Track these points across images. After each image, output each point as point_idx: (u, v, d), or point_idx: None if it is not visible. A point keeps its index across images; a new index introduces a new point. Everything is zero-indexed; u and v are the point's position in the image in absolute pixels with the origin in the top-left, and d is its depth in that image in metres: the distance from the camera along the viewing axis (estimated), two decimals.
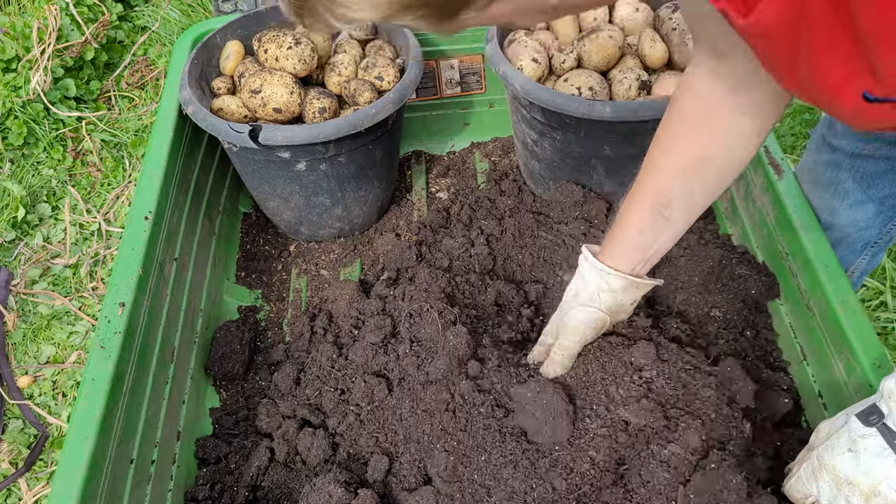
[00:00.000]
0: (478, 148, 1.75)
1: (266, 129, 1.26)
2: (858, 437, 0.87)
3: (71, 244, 2.31)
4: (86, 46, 2.77)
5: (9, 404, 1.93)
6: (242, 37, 1.50)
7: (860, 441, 0.87)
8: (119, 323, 1.06)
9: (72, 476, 0.90)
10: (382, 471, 1.05)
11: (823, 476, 0.91)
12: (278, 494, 1.10)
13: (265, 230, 1.60)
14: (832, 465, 0.90)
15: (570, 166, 1.41)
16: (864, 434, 0.87)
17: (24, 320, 2.13)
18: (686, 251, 1.32)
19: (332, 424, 1.14)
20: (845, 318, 1.06)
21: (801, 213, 1.20)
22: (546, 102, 1.25)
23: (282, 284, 1.49)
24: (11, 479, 1.77)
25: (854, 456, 0.88)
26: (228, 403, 1.27)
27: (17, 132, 2.51)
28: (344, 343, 1.25)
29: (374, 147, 1.41)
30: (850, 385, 1.06)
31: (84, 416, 0.95)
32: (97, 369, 1.00)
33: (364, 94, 1.36)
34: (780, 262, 1.25)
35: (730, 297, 1.26)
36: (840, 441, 0.89)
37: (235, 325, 1.32)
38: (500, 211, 1.49)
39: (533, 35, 1.41)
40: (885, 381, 0.86)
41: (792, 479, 0.97)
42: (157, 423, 1.11)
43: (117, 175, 2.54)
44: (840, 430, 0.90)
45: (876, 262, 1.39)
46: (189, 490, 1.13)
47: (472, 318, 1.23)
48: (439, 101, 1.72)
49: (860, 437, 0.87)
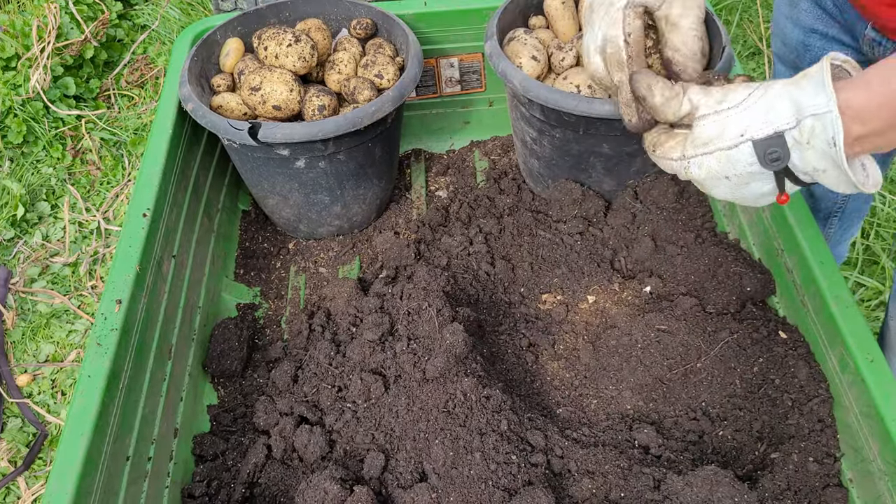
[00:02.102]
0: (477, 146, 1.74)
1: (265, 126, 1.26)
2: (745, 171, 0.79)
3: (70, 243, 2.32)
4: (85, 45, 2.77)
5: (8, 403, 1.93)
6: (242, 34, 1.50)
7: (745, 177, 0.80)
8: (116, 320, 1.06)
9: (67, 473, 0.90)
10: (378, 468, 1.05)
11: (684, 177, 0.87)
12: (275, 491, 1.10)
13: (264, 228, 1.60)
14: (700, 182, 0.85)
15: (568, 164, 1.40)
16: (753, 172, 0.79)
17: (24, 319, 2.13)
18: (683, 249, 1.32)
19: (329, 422, 1.14)
20: (839, 313, 1.06)
21: (796, 209, 1.20)
22: (545, 100, 1.25)
23: (280, 282, 1.49)
24: (10, 477, 1.77)
25: (731, 186, 0.82)
26: (226, 400, 1.27)
27: (17, 130, 2.51)
28: (342, 340, 1.25)
29: (374, 145, 1.41)
30: (843, 380, 1.06)
31: (80, 413, 0.95)
32: (93, 366, 1.00)
33: (364, 92, 1.36)
34: (775, 258, 1.25)
35: (725, 293, 1.26)
36: (720, 166, 0.81)
37: (234, 323, 1.32)
38: (500, 209, 1.49)
39: (532, 33, 1.41)
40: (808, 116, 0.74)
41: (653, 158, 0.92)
42: (154, 419, 1.11)
43: (117, 173, 2.54)
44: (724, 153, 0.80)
45: (849, 233, 1.45)
46: (186, 487, 1.13)
47: (469, 316, 1.23)
48: (439, 99, 1.72)
49: (748, 172, 0.79)
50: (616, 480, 1.02)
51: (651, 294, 1.31)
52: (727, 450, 1.12)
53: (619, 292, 1.33)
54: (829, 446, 1.06)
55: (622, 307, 1.31)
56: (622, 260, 1.37)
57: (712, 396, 1.16)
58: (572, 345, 1.27)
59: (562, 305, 1.33)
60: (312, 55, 1.37)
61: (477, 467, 1.01)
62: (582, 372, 1.23)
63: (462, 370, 1.11)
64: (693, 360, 1.19)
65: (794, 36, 1.34)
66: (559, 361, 1.25)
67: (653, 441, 1.09)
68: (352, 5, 1.54)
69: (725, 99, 0.82)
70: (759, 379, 1.16)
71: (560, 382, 1.23)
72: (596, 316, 1.31)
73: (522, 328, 1.30)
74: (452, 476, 1.01)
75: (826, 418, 1.08)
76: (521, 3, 1.47)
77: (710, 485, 0.98)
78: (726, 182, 0.83)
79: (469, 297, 1.31)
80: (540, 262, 1.38)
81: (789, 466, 1.05)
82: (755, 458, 1.10)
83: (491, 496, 0.99)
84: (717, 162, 0.82)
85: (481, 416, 1.06)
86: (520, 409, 1.11)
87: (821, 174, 0.77)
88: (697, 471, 1.01)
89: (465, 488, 1.00)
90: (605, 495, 1.02)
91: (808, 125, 0.75)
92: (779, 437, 1.11)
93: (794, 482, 1.04)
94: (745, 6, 3.04)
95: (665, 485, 1.00)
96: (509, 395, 1.12)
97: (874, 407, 0.97)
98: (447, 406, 1.08)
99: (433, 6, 1.56)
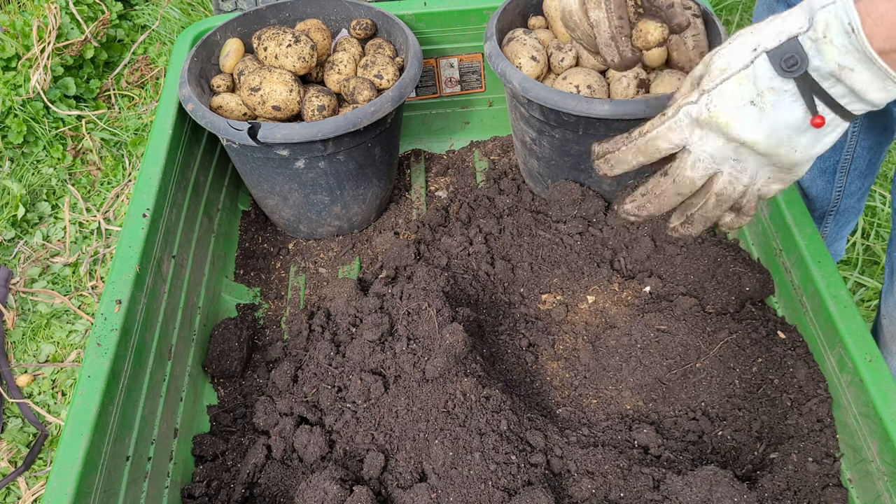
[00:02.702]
0: (477, 147, 1.75)
1: (265, 126, 1.26)
2: (766, 88, 0.73)
3: (70, 243, 2.32)
4: (86, 45, 2.77)
5: (8, 403, 1.93)
6: (242, 35, 1.50)
7: (768, 95, 0.73)
8: (116, 320, 1.06)
9: (67, 473, 0.90)
10: (378, 468, 1.05)
11: (708, 127, 0.78)
12: (275, 491, 1.10)
13: (264, 228, 1.60)
14: (724, 121, 0.76)
15: (568, 164, 1.41)
16: (775, 87, 0.73)
17: (24, 319, 2.13)
18: (683, 249, 1.33)
19: (329, 422, 1.14)
20: (837, 313, 1.06)
21: (794, 209, 1.20)
22: (544, 100, 1.25)
23: (280, 282, 1.49)
24: (10, 477, 1.77)
25: (758, 112, 0.74)
26: (226, 401, 1.27)
27: (17, 131, 2.51)
28: (342, 341, 1.25)
29: (374, 145, 1.41)
30: (842, 380, 1.06)
31: (80, 413, 0.95)
32: (93, 366, 1.00)
33: (363, 93, 1.36)
34: (773, 258, 1.25)
35: (725, 293, 1.26)
36: (741, 89, 0.75)
37: (234, 323, 1.33)
38: (499, 210, 1.50)
39: (532, 33, 1.41)
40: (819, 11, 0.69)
41: (664, 126, 0.82)
42: (154, 420, 1.11)
43: (117, 174, 2.54)
44: (741, 73, 0.74)
45: (846, 230, 1.46)
46: (186, 487, 1.13)
47: (469, 316, 1.23)
48: (439, 99, 1.72)
49: (769, 88, 0.73)
50: (616, 480, 1.02)
51: (650, 294, 1.31)
52: (726, 450, 1.12)
53: (619, 292, 1.34)
54: (828, 446, 1.07)
55: (622, 307, 1.32)
56: (622, 260, 1.37)
57: (711, 396, 1.16)
58: (572, 345, 1.28)
59: (561, 305, 1.33)
60: (312, 55, 1.38)
61: (476, 467, 1.01)
62: (581, 372, 1.24)
63: (462, 370, 1.12)
64: (692, 360, 1.19)
65: None
66: (559, 361, 1.26)
67: (652, 441, 1.10)
68: (351, 6, 1.55)
69: (741, 33, 0.77)
70: (759, 379, 1.16)
71: (560, 382, 1.23)
72: (596, 316, 1.32)
73: (522, 328, 1.30)
74: (452, 476, 1.01)
75: (825, 418, 1.08)
76: (521, 3, 1.48)
77: (710, 485, 0.98)
78: (753, 111, 0.75)
79: (469, 298, 1.32)
80: (540, 263, 1.38)
81: (788, 466, 1.05)
82: (754, 458, 1.11)
83: (491, 496, 0.99)
84: (738, 84, 0.75)
85: (481, 416, 1.06)
86: (519, 409, 1.11)
87: (849, 74, 0.70)
88: (697, 471, 1.01)
89: (465, 488, 1.00)
90: (604, 495, 1.02)
91: (821, 20, 0.69)
92: (778, 437, 1.11)
93: (793, 482, 1.04)
94: (746, 6, 3.04)
95: (664, 485, 1.00)
96: (509, 395, 1.12)
97: (873, 407, 0.97)
98: (447, 406, 1.08)
99: (433, 6, 1.57)
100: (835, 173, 1.38)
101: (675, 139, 0.82)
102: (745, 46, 0.75)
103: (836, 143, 1.31)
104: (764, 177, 0.82)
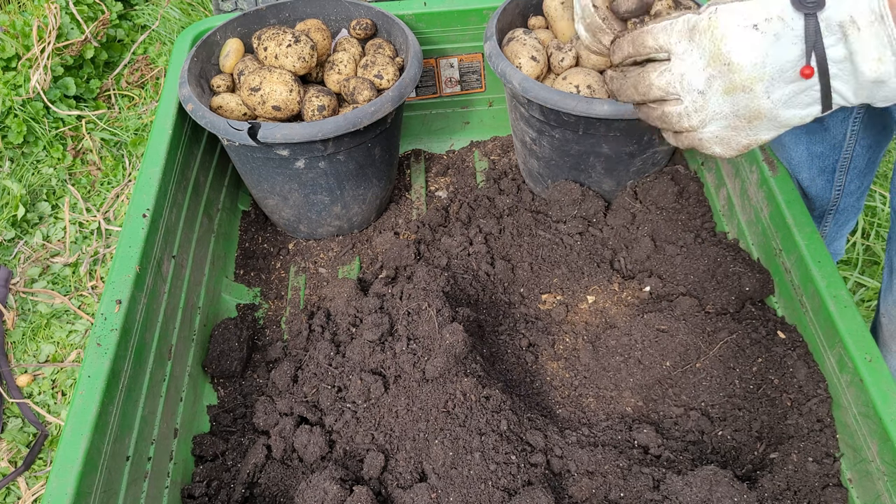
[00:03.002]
0: (477, 147, 1.75)
1: (265, 126, 1.26)
2: (776, 16, 0.72)
3: (70, 243, 2.32)
4: (86, 45, 2.77)
5: (8, 403, 1.93)
6: (242, 35, 1.50)
7: (775, 23, 0.72)
8: (116, 320, 1.06)
9: (67, 473, 0.90)
10: (378, 468, 1.05)
11: (699, 41, 0.76)
12: (275, 491, 1.10)
13: (264, 228, 1.60)
14: (721, 34, 0.74)
15: (568, 164, 1.41)
16: (785, 17, 0.72)
17: (24, 319, 2.13)
18: (683, 249, 1.33)
19: (329, 422, 1.14)
20: (837, 313, 1.06)
21: (794, 209, 1.20)
22: (544, 100, 1.25)
23: (280, 282, 1.49)
24: (10, 477, 1.77)
25: (759, 36, 0.73)
26: (226, 401, 1.27)
27: (17, 131, 2.51)
28: (341, 341, 1.25)
29: (374, 145, 1.41)
30: (842, 380, 1.06)
31: (80, 413, 0.95)
32: (93, 366, 1.00)
33: (363, 93, 1.36)
34: (773, 258, 1.25)
35: (724, 293, 1.26)
36: (749, 8, 0.73)
37: (234, 323, 1.33)
38: (499, 210, 1.50)
39: (532, 33, 1.41)
40: None
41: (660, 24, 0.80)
42: (154, 420, 1.11)
43: (117, 174, 2.54)
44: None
45: (845, 230, 1.47)
46: (186, 487, 1.13)
47: (469, 316, 1.23)
48: (439, 99, 1.72)
49: (777, 17, 0.72)
50: (615, 480, 1.02)
51: (650, 294, 1.31)
52: (726, 450, 1.12)
53: (619, 292, 1.34)
54: (828, 446, 1.06)
55: (622, 307, 1.32)
56: (622, 260, 1.37)
57: (711, 396, 1.16)
58: (572, 345, 1.27)
59: (561, 305, 1.33)
60: (312, 56, 1.38)
61: (476, 467, 1.01)
62: (581, 372, 1.24)
63: (462, 370, 1.12)
64: (692, 360, 1.19)
65: None
66: (559, 361, 1.26)
67: (652, 441, 1.10)
68: (351, 6, 1.55)
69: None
70: (759, 379, 1.16)
71: (560, 382, 1.23)
72: (595, 316, 1.32)
73: (522, 328, 1.30)
74: (452, 476, 1.01)
75: (825, 418, 1.08)
76: (521, 3, 1.48)
77: (710, 485, 0.98)
78: (754, 34, 0.73)
79: (469, 298, 1.32)
80: (540, 263, 1.38)
81: (788, 466, 1.05)
82: (754, 458, 1.11)
83: (491, 496, 0.99)
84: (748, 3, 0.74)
85: (481, 416, 1.06)
86: (519, 409, 1.11)
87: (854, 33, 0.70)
88: (697, 471, 1.01)
89: (465, 488, 1.00)
90: (604, 495, 1.02)
91: None
92: (778, 437, 1.11)
93: (793, 482, 1.04)
94: None
95: (664, 485, 1.00)
96: (509, 395, 1.12)
97: (872, 407, 0.97)
98: (447, 406, 1.08)
99: (433, 6, 1.57)
100: (834, 172, 1.39)
101: (661, 40, 0.81)
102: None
103: (836, 142, 1.33)
104: (714, 127, 0.81)
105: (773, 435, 1.12)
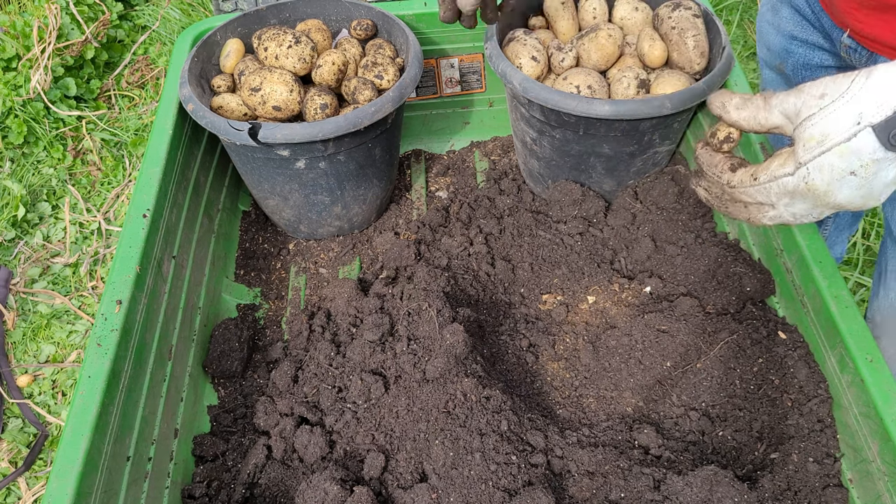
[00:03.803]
0: (477, 147, 1.75)
1: (265, 126, 1.26)
2: (870, 161, 0.72)
3: (71, 243, 2.32)
4: (86, 45, 2.77)
5: (8, 403, 1.93)
6: (242, 35, 1.50)
7: (871, 167, 0.72)
8: (116, 320, 1.06)
9: (67, 473, 0.90)
10: (378, 468, 1.05)
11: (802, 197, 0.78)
12: (275, 492, 1.10)
13: (264, 228, 1.60)
14: (823, 191, 0.75)
15: (568, 165, 1.41)
16: (879, 158, 0.71)
17: (24, 319, 2.13)
18: (683, 249, 1.33)
19: (330, 422, 1.14)
20: (838, 313, 1.06)
21: None
22: (545, 100, 1.25)
23: (280, 283, 1.49)
24: (11, 478, 1.77)
25: (860, 180, 0.73)
26: (226, 401, 1.27)
27: (18, 131, 2.51)
28: (342, 341, 1.25)
29: (374, 145, 1.41)
30: (843, 381, 1.06)
31: (80, 413, 0.95)
32: (94, 366, 1.00)
33: (364, 93, 1.36)
34: (774, 258, 1.25)
35: (725, 294, 1.26)
36: (842, 162, 0.73)
37: (234, 323, 1.32)
38: (500, 210, 1.49)
39: (532, 34, 1.41)
40: None
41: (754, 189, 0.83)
42: (154, 420, 1.11)
43: (117, 174, 2.54)
44: (843, 146, 0.72)
45: (845, 234, 1.47)
46: (186, 487, 1.13)
47: (470, 317, 1.23)
48: (439, 99, 1.72)
49: (873, 161, 0.72)
50: (616, 481, 1.02)
51: (651, 294, 1.31)
52: (727, 450, 1.12)
53: (619, 293, 1.34)
54: (828, 446, 1.06)
55: (622, 307, 1.32)
56: (622, 260, 1.37)
57: (712, 397, 1.16)
58: (572, 345, 1.27)
59: (562, 306, 1.33)
60: (312, 56, 1.38)
61: (477, 468, 1.01)
62: (582, 372, 1.23)
63: (462, 371, 1.12)
64: (693, 360, 1.19)
65: (776, 42, 1.35)
66: (559, 362, 1.26)
67: (653, 441, 1.10)
68: (352, 6, 1.55)
69: (826, 93, 0.75)
70: (759, 379, 1.16)
71: (560, 383, 1.23)
72: (596, 316, 1.32)
73: (522, 329, 1.30)
74: (452, 476, 1.01)
75: (825, 418, 1.08)
76: (522, 3, 1.48)
77: (710, 485, 0.98)
78: (853, 180, 0.74)
79: (469, 298, 1.31)
80: (540, 263, 1.38)
81: (789, 467, 1.05)
82: (755, 458, 1.10)
83: (491, 496, 0.99)
84: (840, 157, 0.74)
85: (481, 416, 1.06)
86: (520, 409, 1.11)
87: None
88: (697, 471, 1.01)
89: (465, 489, 1.00)
90: (605, 496, 1.02)
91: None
92: (778, 438, 1.11)
93: (793, 482, 1.04)
94: (746, 6, 3.04)
95: (665, 485, 1.00)
96: (509, 395, 1.12)
97: (873, 407, 0.97)
98: (447, 406, 1.08)
99: (433, 6, 1.57)
100: None
101: (760, 199, 0.84)
102: (846, 117, 0.73)
103: None
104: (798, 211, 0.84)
105: (773, 435, 1.12)
